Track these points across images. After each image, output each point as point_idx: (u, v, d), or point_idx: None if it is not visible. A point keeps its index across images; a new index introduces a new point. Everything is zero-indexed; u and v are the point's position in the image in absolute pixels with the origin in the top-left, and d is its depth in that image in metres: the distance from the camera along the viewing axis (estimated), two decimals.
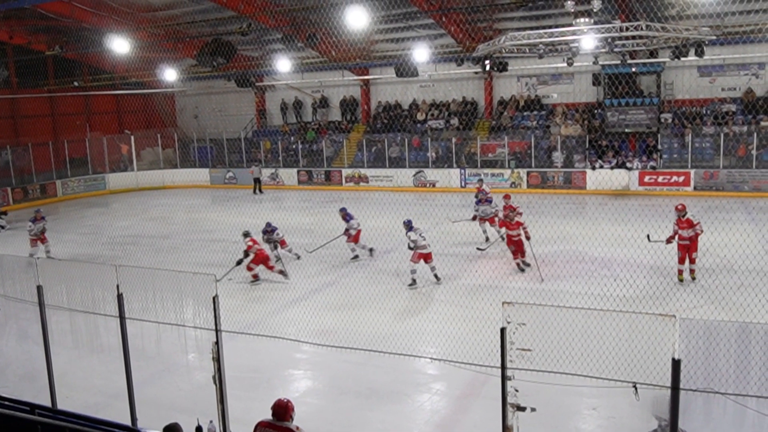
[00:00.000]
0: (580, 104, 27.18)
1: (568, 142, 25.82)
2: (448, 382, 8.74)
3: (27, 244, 17.41)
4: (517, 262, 14.02)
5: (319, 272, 14.67)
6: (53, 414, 6.77)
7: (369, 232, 18.06)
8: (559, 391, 5.96)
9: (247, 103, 33.80)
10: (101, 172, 30.91)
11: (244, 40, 24.93)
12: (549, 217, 17.17)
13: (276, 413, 5.55)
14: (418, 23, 25.44)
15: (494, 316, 5.82)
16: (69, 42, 25.89)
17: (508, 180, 25.87)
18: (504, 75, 26.58)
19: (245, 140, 31.81)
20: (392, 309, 11.54)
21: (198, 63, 21.66)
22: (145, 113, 33.66)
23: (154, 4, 25.45)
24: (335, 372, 9.28)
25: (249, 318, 11.30)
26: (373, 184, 27.08)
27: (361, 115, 31.64)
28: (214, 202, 26.79)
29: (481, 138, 27.19)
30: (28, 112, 30.53)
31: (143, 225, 20.65)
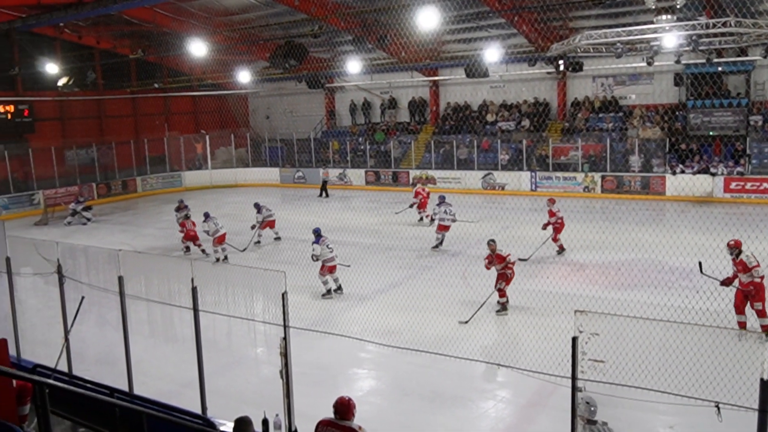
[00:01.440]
0: (661, 106, 25.85)
1: (646, 146, 24.73)
2: (515, 389, 8.56)
3: (107, 233, 18.09)
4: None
5: (385, 272, 14.68)
6: (130, 398, 7.08)
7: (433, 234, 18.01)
8: (633, 406, 5.69)
9: (317, 104, 34.30)
10: (178, 170, 32.23)
11: (315, 42, 25.31)
12: (625, 223, 16.55)
13: (338, 411, 5.55)
14: (490, 23, 25.04)
15: (565, 324, 5.70)
16: (151, 46, 27.09)
17: (581, 184, 25.02)
18: (579, 75, 25.65)
19: (314, 141, 32.25)
20: (458, 313, 11.40)
21: (271, 65, 22.10)
22: (219, 114, 34.63)
23: (230, 8, 26.24)
24: (399, 373, 9.25)
25: (316, 315, 11.39)
26: (440, 185, 26.81)
27: (429, 116, 31.45)
28: (284, 201, 27.27)
29: (553, 140, 26.43)
30: (112, 112, 32.14)
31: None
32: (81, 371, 8.13)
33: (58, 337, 8.46)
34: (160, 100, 32.97)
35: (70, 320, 7.95)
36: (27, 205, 26.01)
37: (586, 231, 15.42)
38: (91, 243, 13.38)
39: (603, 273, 13.43)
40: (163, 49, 26.51)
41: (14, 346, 8.73)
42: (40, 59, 25.63)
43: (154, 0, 21.32)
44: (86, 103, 30.45)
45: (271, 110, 36.34)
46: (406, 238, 16.97)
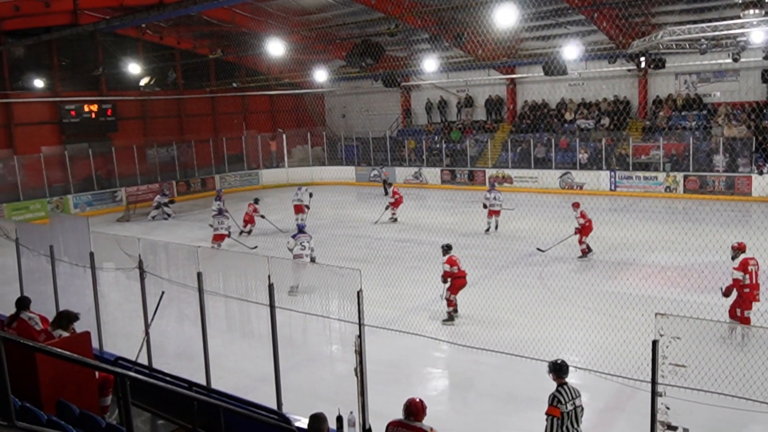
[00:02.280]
0: (747, 103, 24.90)
1: (731, 145, 23.77)
2: (591, 393, 8.18)
3: (187, 230, 18.54)
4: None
5: None
6: (208, 392, 7.19)
7: (511, 233, 17.75)
8: (717, 413, 5.47)
9: (393, 103, 34.32)
10: (255, 168, 32.91)
11: (391, 41, 25.27)
12: (707, 225, 15.88)
13: (408, 412, 5.51)
14: (568, 20, 24.47)
15: (644, 327, 5.50)
16: (229, 46, 27.80)
17: (662, 184, 24.28)
18: (661, 72, 25.13)
19: (390, 139, 32.31)
20: (533, 313, 11.18)
21: (347, 64, 22.27)
22: (296, 112, 35.18)
23: (307, 7, 26.57)
24: (473, 373, 9.13)
25: (391, 314, 11.36)
26: (517, 185, 26.46)
27: (506, 115, 31.08)
28: (359, 199, 27.41)
29: (633, 139, 25.79)
30: (192, 111, 32.95)
31: (292, 219, 21.50)
32: (160, 364, 8.29)
33: (138, 331, 8.66)
34: (238, 99, 33.81)
35: (150, 314, 8.16)
36: (110, 202, 27.05)
37: (667, 232, 15.21)
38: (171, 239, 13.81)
39: (685, 275, 12.93)
40: (242, 49, 27.17)
41: (97, 338, 9.04)
42: (123, 60, 26.62)
43: (234, 0, 21.75)
44: (167, 102, 31.46)
45: (347, 109, 36.62)
46: (481, 237, 16.76)
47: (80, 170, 27.07)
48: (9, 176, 25.38)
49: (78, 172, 26.93)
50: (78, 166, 26.98)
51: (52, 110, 27.71)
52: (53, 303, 9.68)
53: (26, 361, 5.66)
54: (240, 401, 6.88)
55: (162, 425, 7.04)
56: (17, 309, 7.61)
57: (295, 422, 6.55)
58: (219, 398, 6.82)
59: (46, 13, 23.66)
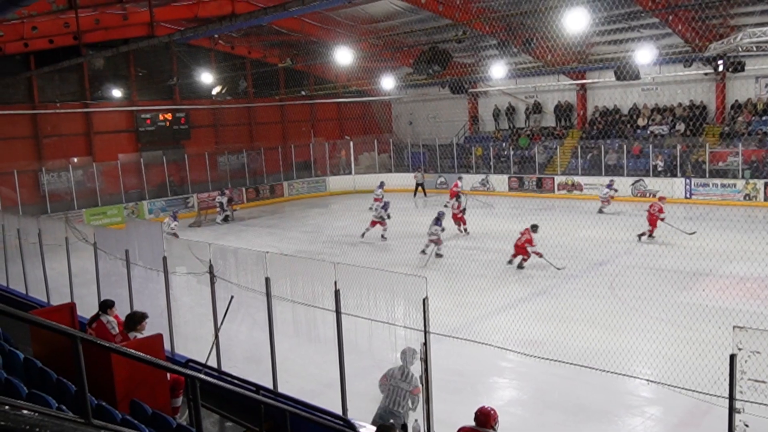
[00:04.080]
0: None
1: None
2: (665, 407, 8.15)
3: (255, 236, 18.86)
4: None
5: (529, 280, 14.31)
6: (274, 396, 7.28)
7: (580, 242, 17.33)
8: None
9: (460, 110, 34.12)
10: (323, 175, 33.31)
11: (459, 47, 25.08)
12: None
13: (479, 420, 5.51)
14: (642, 23, 23.87)
15: (721, 340, 5.37)
16: (298, 54, 28.13)
17: (741, 192, 23.42)
18: (740, 76, 24.36)
19: (457, 146, 32.18)
20: (604, 324, 10.88)
21: (414, 71, 22.30)
22: (363, 120, 35.40)
23: (375, 16, 26.76)
24: (541, 384, 8.99)
25: (457, 322, 11.26)
26: (587, 192, 25.85)
27: (576, 121, 30.53)
28: (426, 206, 27.34)
29: (710, 145, 24.98)
30: (261, 119, 33.57)
31: (359, 225, 21.62)
32: (229, 368, 8.43)
33: (208, 334, 8.80)
34: (306, 107, 34.26)
35: (219, 318, 8.31)
36: (182, 207, 27.64)
37: (746, 241, 14.64)
38: (240, 245, 14.12)
39: (765, 287, 12.50)
40: (310, 58, 27.51)
41: (169, 341, 9.28)
42: (196, 69, 27.32)
43: (303, 10, 22.04)
44: (237, 110, 32.20)
45: (414, 116, 36.62)
46: (551, 246, 16.45)
47: (154, 177, 28.00)
48: (88, 182, 26.44)
49: (152, 179, 27.87)
50: (152, 172, 27.91)
51: (128, 119, 28.74)
52: (128, 305, 9.98)
53: (102, 361, 5.86)
54: (306, 405, 6.94)
55: (230, 427, 7.16)
56: (99, 310, 7.88)
57: (360, 428, 6.56)
58: (285, 402, 6.90)
59: (125, 25, 24.72)
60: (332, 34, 27.47)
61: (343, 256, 16.83)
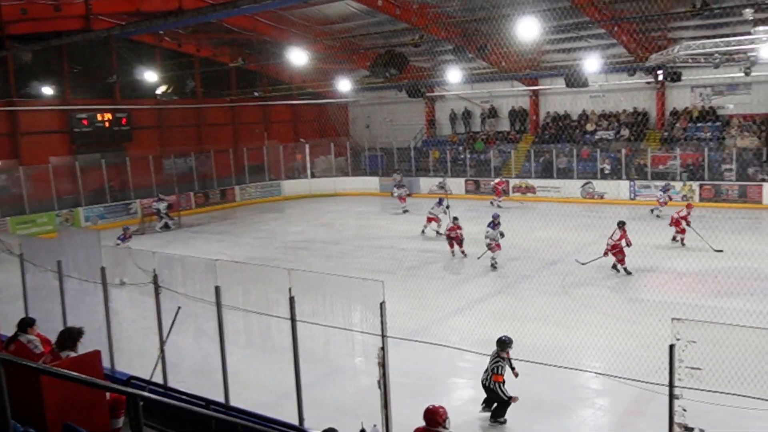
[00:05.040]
0: (758, 115, 25.67)
1: (743, 155, 24.53)
2: (613, 397, 8.62)
3: (205, 243, 18.33)
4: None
5: (485, 281, 14.35)
6: (226, 410, 7.00)
7: (534, 243, 17.52)
8: (730, 413, 5.76)
9: (417, 113, 34.19)
10: (277, 179, 32.47)
11: (415, 52, 25.20)
12: (722, 231, 16.77)
13: (428, 419, 5.67)
14: (590, 33, 24.58)
15: (662, 332, 5.71)
16: (251, 54, 27.47)
17: (679, 193, 24.61)
18: (677, 85, 25.66)
19: (414, 149, 32.17)
20: (557, 321, 11.38)
21: (371, 74, 22.12)
22: (319, 123, 35.01)
23: (330, 17, 26.47)
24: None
25: (415, 325, 11.31)
26: (540, 194, 26.33)
27: (529, 126, 31.01)
28: (383, 210, 27.25)
29: (652, 149, 26.30)
30: (211, 120, 32.16)
31: (315, 231, 21.42)
32: (176, 383, 8.15)
33: (153, 349, 8.49)
34: (259, 108, 33.31)
35: (165, 331, 7.98)
36: (123, 214, 25.82)
37: (685, 239, 16.17)
38: (188, 253, 13.73)
39: (700, 281, 13.39)
40: (264, 58, 26.97)
41: (108, 357, 8.84)
42: (139, 67, 25.72)
43: (255, 9, 21.60)
44: (185, 111, 30.57)
45: (371, 119, 36.49)
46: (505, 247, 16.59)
47: (92, 181, 25.99)
48: (14, 188, 24.00)
49: (89, 184, 25.85)
50: (90, 177, 25.89)
51: (61, 119, 26.62)
52: (61, 321, 9.45)
53: (30, 383, 5.44)
54: (260, 418, 6.72)
55: None
56: (17, 330, 7.19)
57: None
58: (238, 416, 6.63)
59: (57, 17, 22.82)
60: (287, 34, 26.98)
61: (299, 262, 16.65)
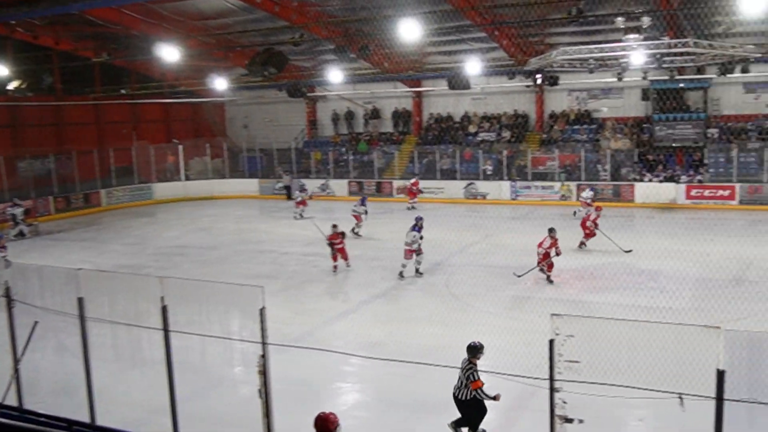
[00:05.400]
0: (630, 119, 27.44)
1: (617, 156, 26.07)
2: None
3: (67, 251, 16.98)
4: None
5: (369, 284, 14.27)
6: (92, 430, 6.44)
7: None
8: (606, 402, 6.00)
9: (298, 114, 33.70)
10: (148, 182, 30.41)
11: (296, 51, 24.85)
12: (598, 229, 17.16)
13: (319, 427, 5.48)
14: (471, 36, 25.20)
15: (542, 328, 5.82)
16: (117, 49, 25.55)
17: (557, 193, 25.87)
18: (555, 89, 26.90)
19: (296, 150, 31.65)
20: (442, 321, 11.49)
21: (249, 72, 21.47)
22: (194, 122, 33.63)
23: (205, 12, 25.36)
24: (384, 385, 9.19)
25: (298, 330, 11.26)
26: (424, 195, 26.58)
27: (413, 127, 31.41)
28: (263, 213, 26.65)
29: (531, 151, 27.24)
30: (72, 119, 29.78)
31: (191, 236, 20.52)
32: (33, 404, 7.44)
33: (6, 368, 7.80)
34: (127, 107, 31.21)
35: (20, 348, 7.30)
36: None
37: (563, 238, 16.22)
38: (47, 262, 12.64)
39: (578, 277, 13.95)
40: (132, 53, 25.34)
41: None
42: None
43: (120, 0, 20.31)
44: (42, 109, 28.09)
45: (250, 119, 35.49)
46: (389, 248, 16.69)
47: None
48: None
49: None
50: None
51: None
52: None
53: None
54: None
55: None
56: None
57: None
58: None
59: None
60: (157, 28, 25.40)
61: (173, 269, 15.94)
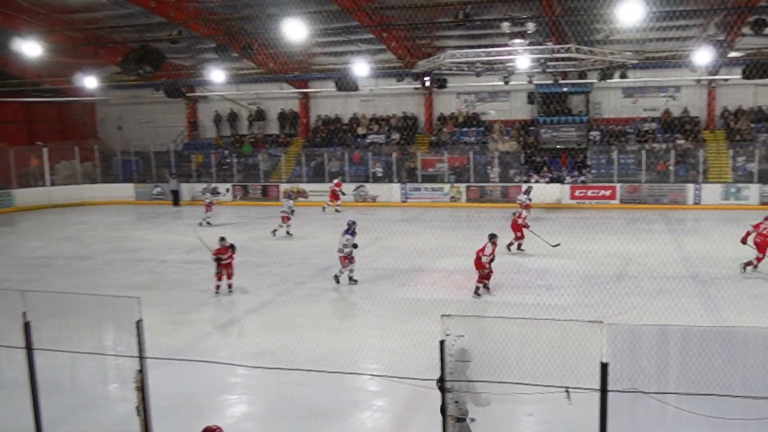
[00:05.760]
0: (516, 121, 28.44)
1: (505, 158, 26.81)
2: (390, 397, 8.64)
3: None
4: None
5: (255, 291, 13.80)
6: None
7: (307, 249, 17.48)
8: (497, 399, 6.09)
9: (178, 114, 32.37)
10: (7, 187, 27.82)
11: (174, 48, 23.65)
12: (487, 230, 17.76)
13: None
14: (359, 38, 25.19)
15: (433, 329, 5.86)
16: None
17: (447, 194, 26.32)
18: (443, 91, 27.47)
19: (175, 153, 30.35)
20: (332, 326, 11.42)
21: (122, 70, 20.30)
22: (61, 123, 31.37)
23: (71, 5, 23.71)
24: (273, 395, 8.89)
25: (179, 342, 10.73)
26: (312, 199, 26.35)
27: (300, 129, 31.06)
28: (140, 219, 25.40)
29: (421, 153, 27.61)
30: None
31: (58, 245, 19.15)
32: None
33: None
34: None
35: None
36: None
37: (453, 239, 16.76)
38: None
39: (469, 278, 13.92)
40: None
41: None
42: None
43: None
44: None
45: (124, 120, 33.66)
46: (276, 254, 16.31)
47: None
48: None
49: None
50: None
51: None
52: None
53: None
54: None
55: None
56: None
57: None
58: None
59: None
60: (16, 21, 23.24)
61: (38, 282, 14.80)
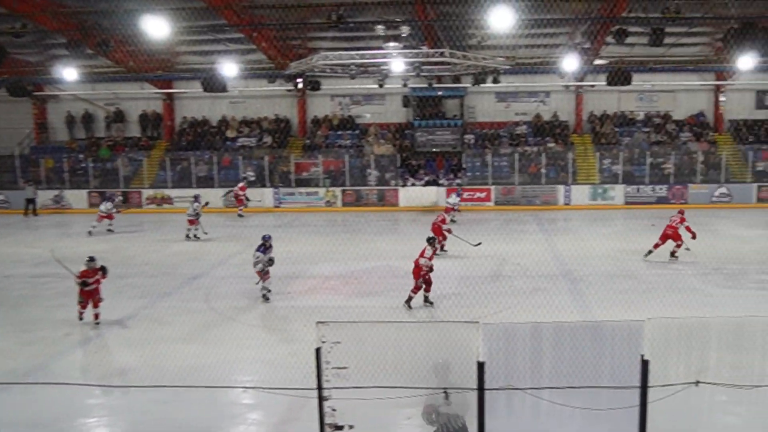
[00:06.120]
0: (392, 124, 28.60)
1: (381, 161, 26.86)
2: (265, 410, 8.29)
3: None
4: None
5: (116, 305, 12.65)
6: None
7: (172, 257, 16.57)
8: (376, 405, 5.96)
9: (23, 115, 29.60)
10: None
11: (18, 43, 21.92)
12: (364, 234, 18.04)
13: None
14: (227, 37, 24.20)
15: (309, 336, 5.79)
16: None
17: (323, 199, 26.00)
18: (317, 94, 27.21)
19: (21, 157, 27.87)
20: (201, 338, 10.84)
21: None
22: None
23: None
24: (137, 415, 8.18)
25: (26, 364, 9.71)
26: (178, 205, 24.91)
27: (164, 131, 29.56)
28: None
29: (295, 156, 27.12)
30: None
31: None
32: None
33: None
34: None
35: None
36: None
37: (329, 244, 16.71)
38: None
39: (345, 283, 13.97)
40: None
41: None
42: None
43: None
44: None
45: None
46: (138, 264, 15.26)
47: None
48: None
49: None
50: None
51: None
52: None
53: None
54: None
55: None
56: None
57: None
58: None
59: None
60: None
61: None
